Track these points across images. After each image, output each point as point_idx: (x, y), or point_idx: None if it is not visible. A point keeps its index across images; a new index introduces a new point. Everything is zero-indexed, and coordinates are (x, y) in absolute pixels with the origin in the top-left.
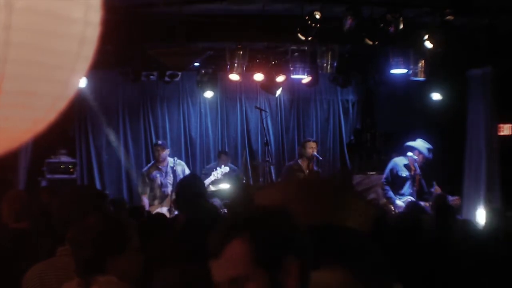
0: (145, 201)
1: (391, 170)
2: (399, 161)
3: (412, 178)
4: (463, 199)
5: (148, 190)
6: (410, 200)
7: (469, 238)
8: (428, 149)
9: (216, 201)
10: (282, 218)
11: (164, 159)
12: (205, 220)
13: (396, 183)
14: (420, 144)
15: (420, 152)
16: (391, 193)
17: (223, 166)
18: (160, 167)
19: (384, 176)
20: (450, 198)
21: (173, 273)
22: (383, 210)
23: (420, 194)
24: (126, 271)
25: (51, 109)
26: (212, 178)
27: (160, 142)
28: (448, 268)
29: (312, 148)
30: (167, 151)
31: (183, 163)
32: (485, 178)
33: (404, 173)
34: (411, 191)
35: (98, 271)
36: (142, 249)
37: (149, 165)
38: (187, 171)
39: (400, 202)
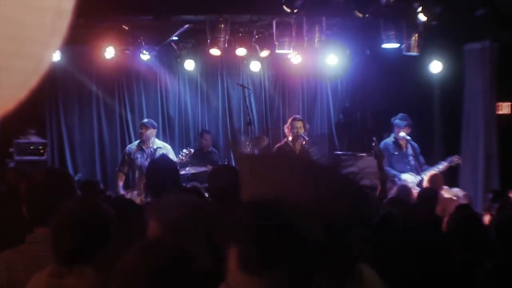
0: (120, 181)
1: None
2: (389, 141)
3: (404, 155)
4: (459, 180)
5: (125, 169)
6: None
7: (464, 227)
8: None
9: (197, 185)
10: None
11: (148, 140)
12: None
13: (390, 162)
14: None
15: (401, 126)
16: (393, 171)
17: (188, 148)
18: (143, 148)
19: None
20: (449, 159)
21: None
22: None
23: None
24: (107, 262)
25: (23, 86)
26: (177, 160)
27: (145, 121)
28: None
29: (297, 128)
30: (151, 131)
31: (169, 147)
32: (483, 159)
33: (396, 151)
34: (408, 167)
35: (79, 261)
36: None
37: (134, 143)
38: (172, 157)
39: (406, 176)
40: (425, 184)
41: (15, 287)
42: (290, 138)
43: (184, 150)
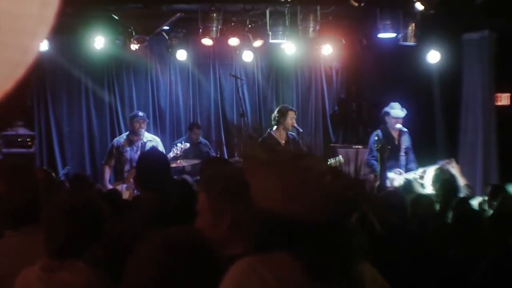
0: (107, 174)
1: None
2: (380, 133)
3: (396, 149)
4: None
5: (112, 162)
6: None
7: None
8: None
9: (187, 178)
10: None
11: (141, 133)
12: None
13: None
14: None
15: (393, 117)
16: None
17: (183, 142)
18: (133, 141)
19: (368, 148)
20: (440, 163)
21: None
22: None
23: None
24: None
25: (10, 77)
26: (171, 154)
27: (141, 114)
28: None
29: (293, 119)
30: (145, 124)
31: (158, 140)
32: (482, 151)
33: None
34: (397, 162)
35: (70, 255)
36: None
37: (123, 136)
38: (161, 149)
39: (391, 174)
40: (429, 180)
41: (3, 282)
42: (275, 129)
43: (179, 144)
